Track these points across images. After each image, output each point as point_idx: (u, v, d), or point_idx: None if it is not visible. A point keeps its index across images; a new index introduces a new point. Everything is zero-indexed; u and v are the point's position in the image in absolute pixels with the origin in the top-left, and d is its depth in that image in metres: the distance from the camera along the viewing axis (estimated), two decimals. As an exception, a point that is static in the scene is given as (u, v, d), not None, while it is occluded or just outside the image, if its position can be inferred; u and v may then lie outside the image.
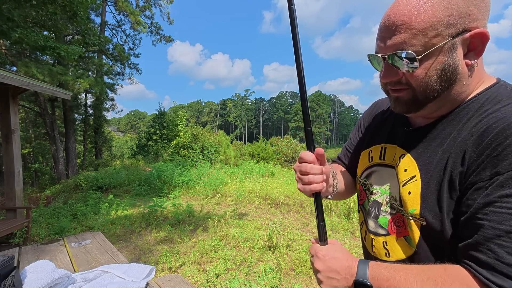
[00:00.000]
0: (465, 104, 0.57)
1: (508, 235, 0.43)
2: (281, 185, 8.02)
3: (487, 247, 0.45)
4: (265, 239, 3.94)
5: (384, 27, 0.55)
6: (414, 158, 0.61)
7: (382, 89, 0.65)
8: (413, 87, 0.56)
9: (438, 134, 0.59)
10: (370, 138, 0.79)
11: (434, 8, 0.49)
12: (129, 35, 17.64)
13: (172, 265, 3.23)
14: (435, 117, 0.61)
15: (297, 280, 2.91)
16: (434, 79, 0.53)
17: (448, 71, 0.53)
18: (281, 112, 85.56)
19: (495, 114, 0.50)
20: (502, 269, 0.43)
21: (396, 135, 0.70)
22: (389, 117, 0.76)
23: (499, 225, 0.44)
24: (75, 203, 6.44)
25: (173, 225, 4.81)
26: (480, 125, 0.51)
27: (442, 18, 0.49)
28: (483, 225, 0.46)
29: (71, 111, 13.48)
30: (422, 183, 0.57)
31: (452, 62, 0.52)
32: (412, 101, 0.58)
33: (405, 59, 0.52)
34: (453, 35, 0.50)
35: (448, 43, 0.50)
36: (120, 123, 75.94)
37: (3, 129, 4.25)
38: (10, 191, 4.29)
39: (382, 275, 0.53)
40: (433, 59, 0.52)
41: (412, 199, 0.58)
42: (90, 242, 1.72)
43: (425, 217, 0.56)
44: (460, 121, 0.56)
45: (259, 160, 16.29)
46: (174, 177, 8.94)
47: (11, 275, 0.97)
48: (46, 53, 6.85)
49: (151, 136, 19.55)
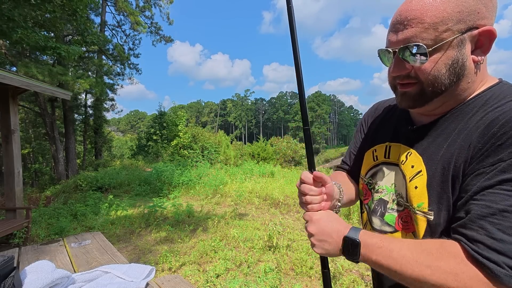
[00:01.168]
0: (470, 101, 0.58)
1: (502, 214, 0.44)
2: (281, 185, 8.02)
3: (479, 224, 0.46)
4: (265, 239, 3.94)
5: (396, 22, 0.56)
6: (420, 154, 0.62)
7: (390, 85, 0.66)
8: (422, 80, 0.57)
9: (443, 130, 0.60)
10: (373, 138, 0.80)
11: (445, 4, 0.51)
12: (129, 35, 17.65)
13: (172, 265, 3.23)
14: (437, 114, 0.62)
15: (297, 281, 2.91)
16: (443, 72, 0.54)
17: (457, 65, 0.54)
18: (281, 112, 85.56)
19: (500, 108, 0.52)
20: (491, 243, 0.44)
21: (399, 133, 0.71)
22: (391, 117, 0.78)
23: (494, 204, 0.45)
24: (75, 204, 6.44)
25: (173, 226, 4.81)
26: (485, 118, 0.52)
27: (452, 14, 0.51)
28: (478, 205, 0.47)
29: (71, 111, 13.48)
30: (428, 176, 0.58)
31: (460, 56, 0.53)
32: (420, 95, 0.59)
33: (416, 53, 0.54)
34: (463, 30, 0.52)
35: (458, 38, 0.52)
36: (120, 123, 75.96)
37: (3, 129, 4.24)
38: (10, 191, 4.28)
39: (374, 242, 0.54)
40: (443, 53, 0.53)
41: (419, 193, 0.59)
42: (90, 242, 1.72)
43: (432, 209, 0.57)
44: (465, 117, 0.57)
45: (259, 160, 16.29)
46: (174, 177, 8.94)
47: (11, 275, 0.97)
48: (47, 53, 6.85)
49: (151, 136, 19.54)
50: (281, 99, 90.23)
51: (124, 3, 14.88)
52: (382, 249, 0.52)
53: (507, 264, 0.42)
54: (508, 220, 0.43)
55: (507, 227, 0.43)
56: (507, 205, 0.44)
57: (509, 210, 0.44)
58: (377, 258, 0.53)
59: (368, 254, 0.54)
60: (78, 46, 7.98)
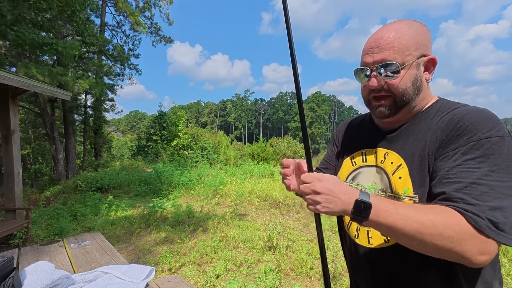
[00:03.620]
0: (426, 110, 0.76)
1: (471, 185, 0.58)
2: (281, 185, 8.02)
3: (457, 196, 0.58)
4: (265, 239, 3.94)
5: (371, 47, 0.73)
6: (397, 152, 0.75)
7: (364, 100, 0.81)
8: (394, 93, 0.72)
9: (411, 131, 0.75)
10: (349, 147, 0.93)
11: (407, 36, 0.70)
12: (129, 35, 17.64)
13: (172, 266, 3.22)
14: (402, 121, 0.78)
15: (297, 281, 2.90)
16: (409, 86, 0.71)
17: (417, 81, 0.72)
18: (281, 112, 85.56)
19: (451, 112, 0.69)
20: (468, 207, 0.56)
21: (373, 140, 0.84)
22: (362, 128, 0.93)
23: (464, 179, 0.59)
24: (74, 204, 6.43)
25: (173, 226, 4.81)
26: (443, 119, 0.69)
27: (412, 44, 0.70)
28: (453, 182, 0.60)
29: (71, 112, 13.47)
30: (408, 167, 0.71)
31: (419, 75, 0.72)
32: (393, 105, 0.74)
33: (389, 70, 0.70)
34: (418, 56, 0.71)
35: (416, 61, 0.71)
36: (120, 124, 75.84)
37: (3, 130, 4.24)
38: (9, 192, 4.28)
39: (383, 204, 0.61)
40: (407, 71, 0.70)
41: (404, 182, 0.71)
42: (90, 243, 1.72)
43: (417, 193, 0.68)
44: (426, 120, 0.73)
45: (259, 160, 16.28)
46: (174, 177, 8.94)
47: (11, 276, 0.96)
48: (44, 50, 6.78)
49: (150, 136, 19.53)
50: (281, 99, 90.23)
51: (124, 3, 14.88)
52: (389, 211, 0.60)
53: (486, 217, 0.55)
54: (478, 189, 0.57)
55: (477, 195, 0.57)
56: (474, 179, 0.58)
57: (476, 182, 0.58)
58: (384, 219, 0.60)
59: (376, 215, 0.61)
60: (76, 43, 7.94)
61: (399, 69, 0.69)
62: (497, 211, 0.55)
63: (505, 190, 0.56)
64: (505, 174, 0.58)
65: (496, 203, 0.55)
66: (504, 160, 0.59)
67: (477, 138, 0.61)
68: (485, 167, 0.58)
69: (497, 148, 0.59)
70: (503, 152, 0.59)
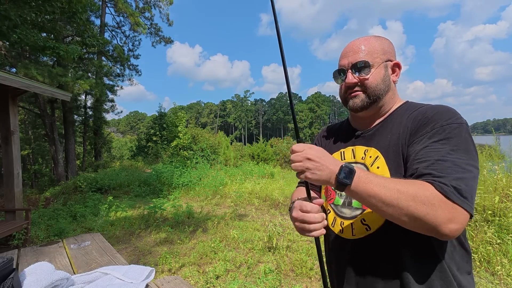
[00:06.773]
0: (396, 110, 0.88)
1: (437, 162, 0.67)
2: (281, 186, 8.02)
3: (427, 172, 0.67)
4: (265, 240, 3.93)
5: (346, 52, 0.88)
6: (374, 147, 0.85)
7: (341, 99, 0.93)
8: (366, 87, 0.85)
9: (385, 128, 0.86)
10: (329, 149, 0.99)
11: (375, 44, 0.86)
12: (128, 36, 17.66)
13: (172, 266, 3.22)
14: (376, 121, 0.89)
15: (297, 282, 2.90)
16: (380, 82, 0.84)
17: (386, 79, 0.86)
18: (281, 113, 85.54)
19: (418, 110, 0.81)
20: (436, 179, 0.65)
21: (350, 140, 0.95)
22: (339, 131, 1.04)
23: (430, 157, 0.69)
24: (74, 205, 6.43)
25: (172, 227, 4.81)
26: (412, 115, 0.81)
27: (379, 49, 0.86)
28: (422, 161, 0.70)
29: (71, 113, 13.45)
30: (384, 157, 0.81)
31: (387, 74, 0.86)
32: (366, 99, 0.86)
33: (361, 69, 0.84)
34: (385, 60, 0.86)
35: (384, 63, 0.85)
36: (120, 124, 75.78)
37: (3, 130, 4.24)
38: (9, 192, 4.27)
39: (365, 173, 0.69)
40: (377, 70, 0.84)
41: (382, 170, 0.80)
42: (90, 243, 1.72)
43: None
44: (397, 118, 0.85)
45: (259, 161, 16.26)
46: (174, 178, 8.93)
47: (10, 277, 0.96)
48: (46, 53, 6.81)
49: (150, 137, 19.51)
50: (280, 100, 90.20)
51: (124, 4, 14.88)
52: (369, 178, 0.68)
53: (451, 185, 0.63)
54: (443, 165, 0.67)
55: (443, 169, 0.66)
56: (439, 156, 0.68)
57: (441, 159, 0.67)
58: (365, 185, 0.67)
59: (357, 181, 0.67)
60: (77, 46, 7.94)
61: (370, 68, 0.83)
62: (459, 180, 0.64)
63: (465, 166, 0.67)
64: (463, 153, 0.68)
65: (459, 175, 0.65)
66: (462, 142, 0.70)
67: (440, 125, 0.73)
68: (448, 147, 0.69)
69: (456, 132, 0.71)
70: (461, 135, 0.70)
